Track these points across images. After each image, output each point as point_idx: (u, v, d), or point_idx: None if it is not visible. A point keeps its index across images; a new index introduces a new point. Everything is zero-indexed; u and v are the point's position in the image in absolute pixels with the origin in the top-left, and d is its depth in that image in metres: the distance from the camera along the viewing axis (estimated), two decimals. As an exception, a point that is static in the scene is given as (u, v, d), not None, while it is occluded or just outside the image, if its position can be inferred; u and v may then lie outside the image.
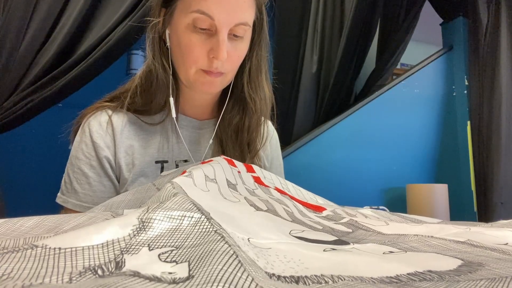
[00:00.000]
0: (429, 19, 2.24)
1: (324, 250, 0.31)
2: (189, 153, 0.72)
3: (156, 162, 0.70)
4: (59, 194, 0.68)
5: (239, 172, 0.56)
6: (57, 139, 0.73)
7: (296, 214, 0.47)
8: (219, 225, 0.32)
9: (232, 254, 0.24)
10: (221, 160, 0.56)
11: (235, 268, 0.22)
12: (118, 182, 0.69)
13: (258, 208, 0.43)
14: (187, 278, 0.22)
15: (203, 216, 0.33)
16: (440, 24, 2.26)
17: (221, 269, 0.22)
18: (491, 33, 2.02)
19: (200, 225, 0.32)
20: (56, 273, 0.24)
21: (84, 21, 1.25)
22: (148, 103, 0.69)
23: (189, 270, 0.24)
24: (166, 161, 0.71)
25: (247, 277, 0.21)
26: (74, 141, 0.70)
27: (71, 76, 1.21)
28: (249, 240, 0.32)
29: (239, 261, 0.23)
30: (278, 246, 0.31)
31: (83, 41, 1.25)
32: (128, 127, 0.70)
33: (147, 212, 0.34)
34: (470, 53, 2.09)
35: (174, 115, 0.67)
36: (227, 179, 0.51)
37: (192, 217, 0.33)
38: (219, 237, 0.28)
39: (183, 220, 0.33)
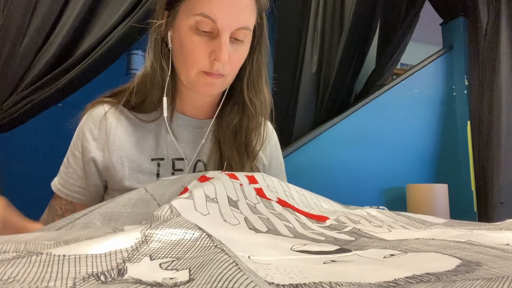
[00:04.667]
0: (429, 19, 2.24)
1: (324, 263, 0.31)
2: (181, 152, 0.72)
3: (152, 159, 0.71)
4: None
5: (241, 185, 0.55)
6: (57, 139, 0.73)
7: (298, 228, 0.47)
8: (220, 241, 0.33)
9: (232, 263, 0.24)
10: (222, 176, 0.55)
11: (234, 271, 0.23)
12: (103, 177, 0.72)
13: (258, 231, 0.43)
14: (188, 281, 0.23)
15: (204, 234, 0.34)
16: (440, 24, 2.26)
17: (221, 272, 0.23)
18: (491, 33, 2.02)
19: (201, 240, 0.33)
20: (60, 278, 0.25)
21: (84, 21, 1.25)
22: (142, 102, 0.71)
23: (190, 275, 0.24)
24: (162, 159, 0.72)
25: (246, 279, 0.21)
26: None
27: (71, 76, 1.21)
28: (249, 258, 0.32)
29: (239, 267, 0.23)
30: (279, 262, 0.32)
31: (83, 41, 1.25)
32: (124, 123, 0.72)
33: (150, 228, 0.35)
34: (470, 53, 2.09)
35: (165, 114, 0.68)
36: (228, 196, 0.50)
37: (193, 233, 0.34)
38: (219, 250, 0.29)
39: (185, 235, 0.34)
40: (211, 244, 0.31)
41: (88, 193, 0.72)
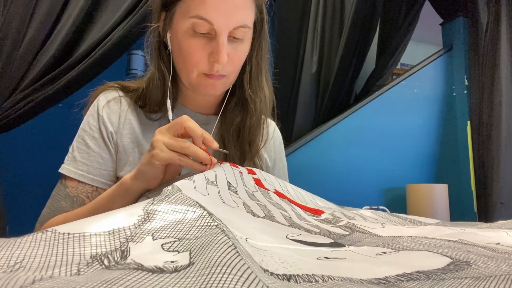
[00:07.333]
0: (429, 19, 2.24)
1: (317, 259, 0.32)
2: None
3: None
4: (62, 165, 0.70)
5: (241, 172, 0.56)
6: (57, 139, 0.73)
7: (294, 218, 0.47)
8: (220, 220, 0.33)
9: (231, 245, 0.25)
10: (223, 164, 0.56)
11: (233, 255, 0.23)
12: (116, 156, 0.70)
13: (255, 215, 0.44)
14: (188, 265, 0.24)
15: (205, 212, 0.34)
16: (440, 24, 2.26)
17: (220, 256, 0.23)
18: (491, 33, 2.02)
19: (203, 219, 0.33)
20: (65, 263, 0.25)
21: (84, 21, 1.25)
22: (145, 104, 0.71)
23: (190, 258, 0.25)
24: None
25: (243, 264, 0.22)
26: (86, 115, 0.72)
27: (71, 76, 1.21)
28: (246, 240, 0.32)
29: (237, 251, 0.24)
30: (273, 249, 0.32)
31: (83, 41, 1.25)
32: (134, 112, 0.72)
33: (152, 204, 0.35)
34: (470, 53, 2.09)
35: (170, 117, 0.68)
36: (227, 181, 0.51)
37: (195, 211, 0.35)
38: (219, 231, 0.29)
39: (187, 213, 0.34)
40: (212, 224, 0.32)
41: (114, 177, 0.70)
